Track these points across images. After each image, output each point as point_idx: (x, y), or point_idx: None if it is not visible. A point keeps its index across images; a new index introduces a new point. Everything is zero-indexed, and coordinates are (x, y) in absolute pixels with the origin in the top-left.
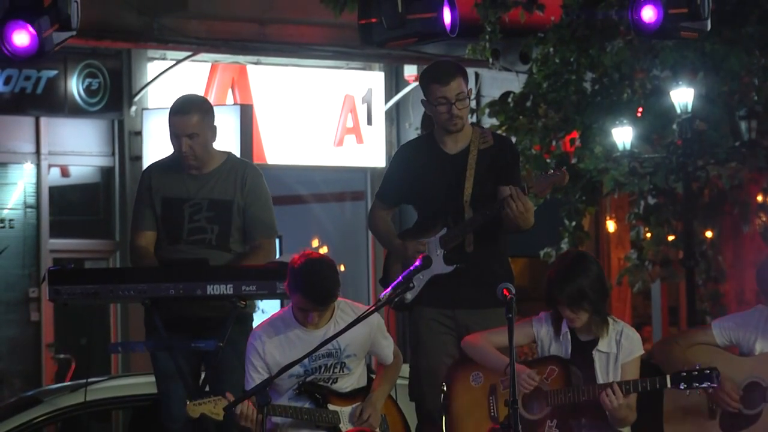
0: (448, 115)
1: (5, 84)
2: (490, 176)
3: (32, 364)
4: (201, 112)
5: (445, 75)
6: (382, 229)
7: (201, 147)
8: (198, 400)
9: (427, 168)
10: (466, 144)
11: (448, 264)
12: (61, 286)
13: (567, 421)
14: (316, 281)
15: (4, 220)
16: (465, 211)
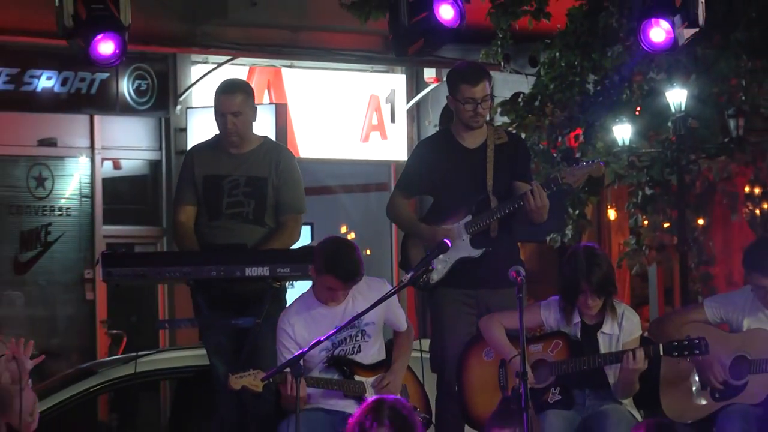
0: (472, 113)
1: (62, 85)
2: (506, 170)
3: (87, 339)
4: (245, 93)
5: (475, 77)
6: (405, 216)
7: (243, 125)
8: (239, 374)
9: (449, 161)
10: (483, 140)
11: (475, 248)
12: (113, 268)
13: (570, 389)
14: (343, 262)
15: (62, 209)
16: (490, 201)
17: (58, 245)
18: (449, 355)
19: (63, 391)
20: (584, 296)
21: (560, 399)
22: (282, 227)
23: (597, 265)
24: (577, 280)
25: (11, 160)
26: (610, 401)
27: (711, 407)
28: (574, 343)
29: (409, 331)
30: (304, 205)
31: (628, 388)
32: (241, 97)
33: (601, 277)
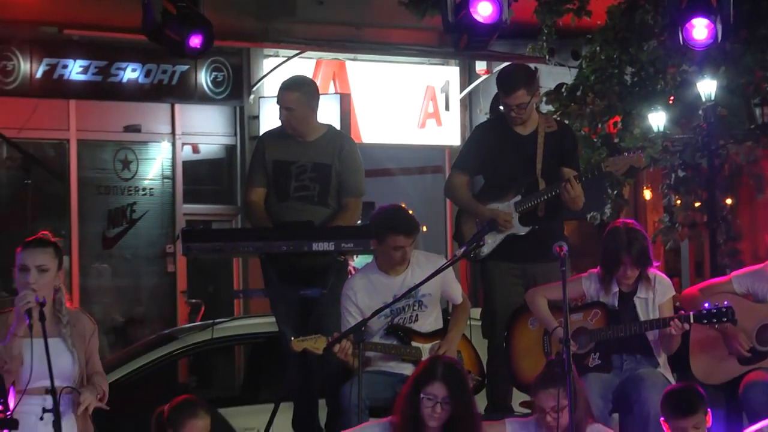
0: (516, 116)
1: (146, 76)
2: (555, 156)
3: (169, 307)
4: (301, 91)
5: (507, 88)
6: (463, 195)
7: (297, 120)
8: (301, 338)
9: (502, 146)
10: (534, 127)
11: (523, 225)
12: (192, 243)
13: (609, 354)
14: (401, 219)
15: (145, 189)
16: (539, 183)
17: (142, 222)
18: (498, 323)
19: (146, 354)
20: (624, 267)
21: (600, 363)
22: (344, 208)
23: (636, 239)
24: (618, 253)
25: (99, 145)
26: (646, 365)
27: (737, 371)
28: (611, 312)
29: (465, 303)
30: (364, 188)
31: (670, 350)
32: (296, 95)
33: (640, 249)
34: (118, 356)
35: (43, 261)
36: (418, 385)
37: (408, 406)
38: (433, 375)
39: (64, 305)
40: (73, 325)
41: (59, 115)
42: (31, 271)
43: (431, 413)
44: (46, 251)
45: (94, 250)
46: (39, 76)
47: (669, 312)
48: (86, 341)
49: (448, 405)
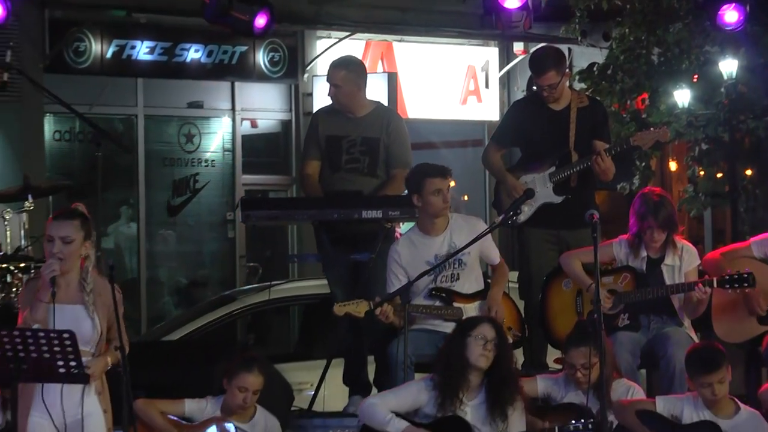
0: (548, 94)
1: (208, 56)
2: (587, 129)
3: (229, 271)
4: (348, 69)
5: (538, 70)
6: (496, 165)
7: (343, 96)
8: (343, 302)
9: (537, 121)
10: (567, 103)
11: (557, 195)
12: (250, 211)
13: (637, 315)
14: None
15: (207, 161)
16: (572, 156)
17: (204, 192)
18: (534, 284)
19: (208, 314)
20: (651, 231)
21: (628, 323)
22: (392, 179)
23: (663, 205)
24: (647, 217)
25: (165, 120)
26: (672, 325)
27: (757, 330)
28: (639, 276)
29: (502, 264)
30: (411, 160)
31: (695, 313)
32: (343, 73)
33: (666, 214)
34: (182, 316)
35: (68, 232)
36: (464, 330)
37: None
38: (479, 319)
39: (90, 274)
40: (99, 294)
41: (127, 92)
42: (55, 241)
43: (482, 352)
44: (71, 223)
45: (159, 218)
46: (109, 57)
47: (694, 279)
48: (110, 309)
49: (495, 347)
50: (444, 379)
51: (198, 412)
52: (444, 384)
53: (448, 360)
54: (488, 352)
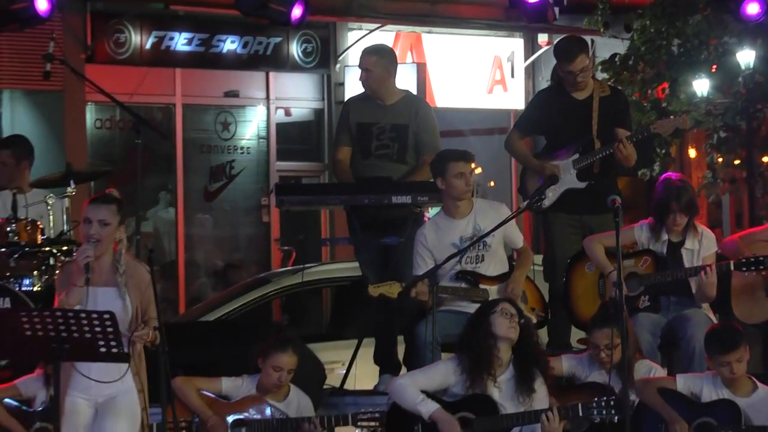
0: (573, 81)
1: (243, 47)
2: (609, 117)
3: (263, 254)
4: (379, 55)
5: (570, 54)
6: (520, 151)
7: (374, 82)
8: (377, 284)
9: (560, 109)
10: (589, 93)
11: (581, 181)
12: (284, 196)
13: (657, 296)
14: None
15: (243, 148)
16: (595, 143)
17: (240, 178)
18: (558, 267)
19: (244, 296)
20: (673, 215)
21: (649, 305)
22: (422, 164)
23: (684, 189)
24: (669, 201)
25: (202, 108)
26: (691, 306)
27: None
28: (660, 259)
29: (526, 248)
30: (440, 145)
31: (707, 298)
32: (374, 59)
33: (688, 199)
34: (218, 297)
35: (105, 216)
36: (486, 310)
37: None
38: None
39: (123, 257)
40: (131, 276)
41: (166, 81)
42: (93, 223)
43: (510, 324)
44: (108, 207)
45: (197, 203)
46: (148, 47)
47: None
48: (142, 291)
49: (517, 321)
50: (474, 358)
51: (234, 390)
52: (474, 363)
53: (477, 340)
54: (514, 324)
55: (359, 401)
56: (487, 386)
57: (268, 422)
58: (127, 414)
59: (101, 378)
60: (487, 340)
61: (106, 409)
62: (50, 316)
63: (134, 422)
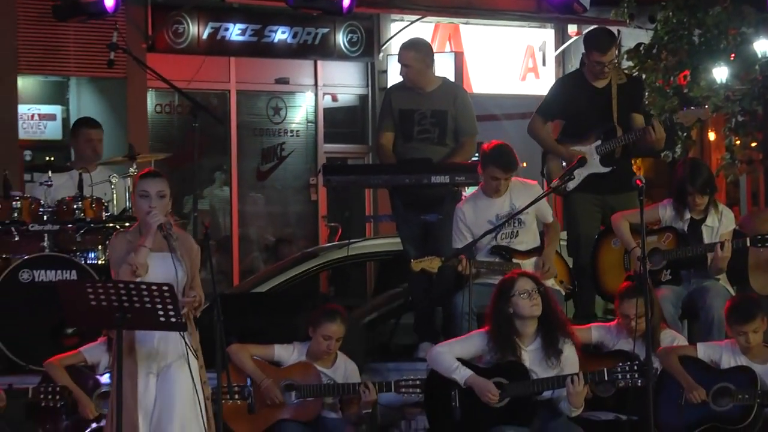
0: (600, 71)
1: (293, 37)
2: (626, 104)
3: (311, 229)
4: (416, 50)
5: (605, 46)
6: (545, 136)
7: (413, 75)
8: (418, 258)
9: (582, 96)
10: (608, 81)
11: (604, 166)
12: (331, 176)
13: (678, 270)
14: (502, 156)
15: (292, 131)
16: (617, 130)
17: (290, 159)
18: (582, 244)
19: (293, 269)
20: (691, 196)
21: (671, 278)
22: (461, 146)
23: (700, 171)
24: (686, 182)
25: (254, 95)
26: (711, 279)
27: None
28: (681, 235)
29: (555, 222)
30: (477, 129)
31: (719, 271)
32: (412, 54)
33: (703, 180)
34: (270, 270)
35: (161, 187)
36: (505, 292)
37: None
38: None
39: (172, 226)
40: (182, 243)
41: (221, 69)
42: (151, 196)
43: (531, 303)
44: (162, 180)
45: (250, 182)
46: (205, 37)
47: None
48: (192, 259)
49: (538, 295)
50: (500, 337)
51: (285, 356)
52: (500, 340)
53: (501, 321)
54: (536, 301)
55: (400, 367)
56: (517, 355)
57: (316, 387)
58: (187, 382)
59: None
60: (512, 320)
61: (166, 377)
62: (113, 287)
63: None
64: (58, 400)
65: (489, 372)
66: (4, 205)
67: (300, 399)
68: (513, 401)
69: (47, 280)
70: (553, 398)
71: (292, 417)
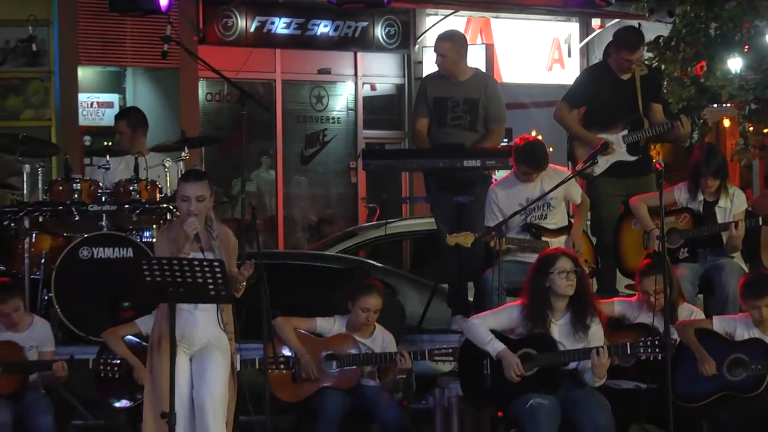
0: (627, 67)
1: (335, 30)
2: (648, 95)
3: (352, 210)
4: (452, 41)
5: (634, 45)
6: (572, 123)
7: (449, 64)
8: (454, 234)
9: (607, 87)
10: (631, 73)
11: (631, 155)
12: (370, 160)
13: (695, 249)
14: (534, 154)
15: (334, 118)
16: (643, 121)
17: (331, 144)
18: (605, 225)
19: (335, 246)
20: (704, 178)
21: (688, 256)
22: (490, 132)
23: (713, 156)
24: (700, 166)
25: (298, 84)
26: (725, 257)
27: None
28: (696, 216)
29: (584, 202)
30: (506, 116)
31: (734, 249)
32: (448, 45)
33: (717, 164)
34: (312, 248)
35: (201, 192)
36: (545, 267)
37: (539, 288)
38: (556, 255)
39: (214, 222)
40: (221, 239)
41: (267, 60)
42: (191, 200)
43: (567, 283)
44: (202, 183)
45: (294, 166)
46: (252, 31)
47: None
48: (229, 250)
49: (574, 276)
50: (534, 308)
51: (327, 328)
52: (536, 311)
53: (537, 294)
54: (572, 282)
55: (434, 339)
56: (547, 327)
57: (356, 356)
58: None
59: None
60: (547, 294)
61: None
62: (168, 263)
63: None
64: (116, 371)
65: (519, 343)
66: (65, 187)
67: (340, 368)
68: (541, 371)
69: (105, 257)
70: (578, 369)
71: (333, 385)
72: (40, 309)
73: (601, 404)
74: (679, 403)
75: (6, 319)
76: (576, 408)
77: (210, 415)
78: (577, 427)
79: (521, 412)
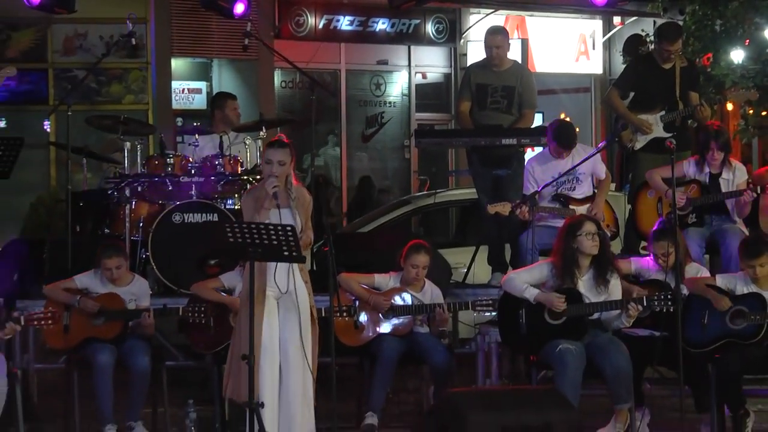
0: (668, 57)
1: (391, 27)
2: (686, 83)
3: (405, 181)
4: (503, 35)
5: (673, 37)
6: (618, 105)
7: (503, 53)
8: (493, 203)
9: (652, 75)
10: (672, 63)
11: (667, 132)
12: (422, 139)
13: (702, 215)
14: (566, 134)
15: (390, 102)
16: (678, 104)
17: (388, 125)
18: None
19: (389, 213)
20: (712, 152)
21: (695, 221)
22: (523, 116)
23: (721, 132)
24: (709, 140)
25: (360, 73)
26: (728, 222)
27: None
28: (703, 186)
29: (608, 177)
30: (536, 103)
31: (743, 214)
32: (500, 37)
33: (724, 139)
34: (370, 215)
35: (282, 157)
36: (573, 230)
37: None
38: (582, 220)
39: (292, 184)
40: (299, 200)
41: (333, 53)
42: (273, 164)
43: (592, 244)
44: (284, 150)
45: (356, 143)
46: (320, 27)
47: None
48: (305, 208)
49: (598, 237)
50: (563, 266)
51: (384, 283)
52: (563, 269)
53: (566, 253)
54: (596, 242)
55: (477, 292)
56: (574, 282)
57: (408, 307)
58: (304, 304)
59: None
60: (574, 254)
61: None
62: (247, 227)
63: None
64: (203, 316)
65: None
66: (160, 161)
67: (396, 317)
68: (568, 320)
69: (194, 221)
70: (601, 319)
71: (391, 332)
72: (138, 266)
73: (621, 349)
74: (687, 348)
75: (108, 273)
76: (599, 352)
77: (296, 357)
78: (599, 369)
79: (551, 356)
